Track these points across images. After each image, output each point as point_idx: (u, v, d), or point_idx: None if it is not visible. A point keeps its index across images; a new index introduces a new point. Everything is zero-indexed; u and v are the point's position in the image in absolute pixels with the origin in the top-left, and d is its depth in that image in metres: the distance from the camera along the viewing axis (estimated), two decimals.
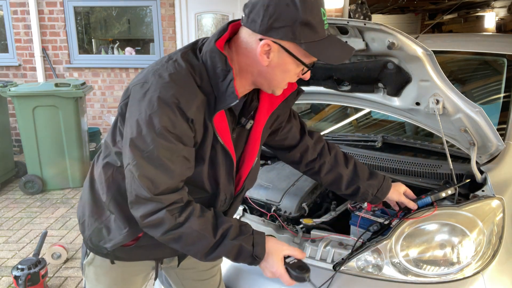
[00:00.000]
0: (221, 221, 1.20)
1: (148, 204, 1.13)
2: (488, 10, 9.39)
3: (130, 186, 1.14)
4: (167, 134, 1.10)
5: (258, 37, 1.13)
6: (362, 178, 1.60)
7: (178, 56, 1.18)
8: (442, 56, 2.44)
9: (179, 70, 1.14)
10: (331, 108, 2.97)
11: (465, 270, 1.44)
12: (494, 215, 1.55)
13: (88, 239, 1.36)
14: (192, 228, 1.15)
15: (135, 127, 1.11)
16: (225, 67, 1.15)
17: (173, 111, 1.10)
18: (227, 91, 1.15)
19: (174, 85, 1.11)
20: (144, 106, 1.11)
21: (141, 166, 1.11)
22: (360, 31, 1.62)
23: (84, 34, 6.23)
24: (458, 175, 1.75)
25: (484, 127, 1.62)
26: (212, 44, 1.16)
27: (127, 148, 1.13)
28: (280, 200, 1.89)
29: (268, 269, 1.25)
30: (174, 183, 1.15)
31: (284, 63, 1.16)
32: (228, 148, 1.24)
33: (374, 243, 1.52)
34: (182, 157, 1.14)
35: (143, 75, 1.19)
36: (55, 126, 4.35)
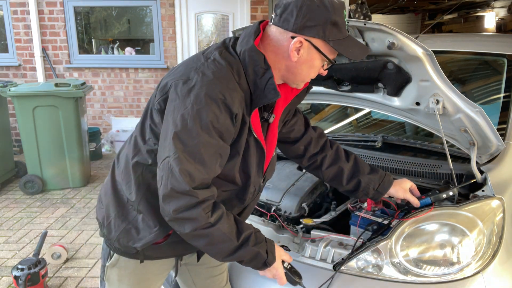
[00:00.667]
0: (242, 226, 1.26)
1: (182, 198, 1.15)
2: (488, 10, 9.39)
3: (166, 179, 1.16)
4: (212, 129, 1.15)
5: (290, 35, 1.21)
6: (363, 172, 1.62)
7: (216, 55, 1.24)
8: (442, 56, 2.44)
9: (221, 68, 1.20)
10: (331, 108, 2.97)
11: (465, 270, 1.44)
12: (494, 215, 1.55)
13: (115, 241, 1.37)
14: (220, 230, 1.20)
15: (180, 121, 1.15)
16: (263, 65, 1.23)
17: (219, 107, 1.15)
18: (266, 87, 1.22)
19: (219, 82, 1.17)
20: (191, 101, 1.15)
21: (182, 159, 1.14)
22: (360, 31, 1.62)
23: (84, 34, 6.23)
24: (458, 175, 1.75)
25: (484, 127, 1.62)
26: (251, 44, 1.23)
27: (168, 141, 1.16)
28: (280, 200, 1.89)
29: (271, 272, 1.33)
30: (208, 178, 1.19)
31: (312, 59, 1.25)
32: (261, 141, 1.31)
33: (374, 243, 1.52)
34: (219, 154, 1.19)
35: (182, 72, 1.23)
36: (55, 126, 4.35)
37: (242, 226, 1.26)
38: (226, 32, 6.00)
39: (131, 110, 6.17)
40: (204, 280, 1.62)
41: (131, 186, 1.32)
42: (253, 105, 1.25)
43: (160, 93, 1.26)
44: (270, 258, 1.29)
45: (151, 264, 1.43)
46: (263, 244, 1.28)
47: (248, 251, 1.25)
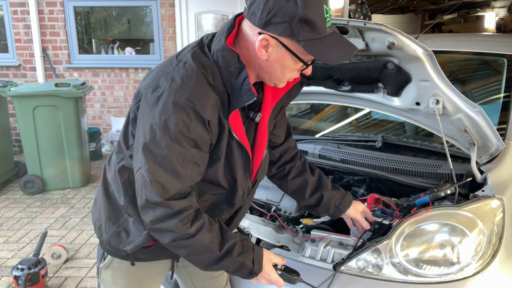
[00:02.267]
0: (226, 236, 1.22)
1: (158, 209, 1.13)
2: (488, 10, 9.39)
3: (140, 190, 1.14)
4: (182, 138, 1.10)
5: (257, 31, 1.12)
6: (326, 188, 1.61)
7: (188, 58, 1.17)
8: (442, 56, 2.44)
9: (191, 72, 1.13)
10: (331, 108, 2.97)
11: (465, 270, 1.44)
12: (494, 215, 1.55)
13: (106, 243, 1.36)
14: (201, 242, 1.16)
15: (149, 132, 1.11)
16: (238, 64, 1.14)
17: (188, 115, 1.10)
18: (242, 88, 1.15)
19: (187, 89, 1.11)
20: (158, 110, 1.10)
21: (153, 170, 1.11)
22: (360, 31, 1.62)
23: (84, 34, 6.23)
24: (458, 175, 1.75)
25: (484, 127, 1.62)
26: (222, 43, 1.15)
27: (139, 152, 1.13)
28: (280, 200, 1.89)
29: (265, 278, 1.31)
30: (183, 188, 1.15)
31: (283, 58, 1.15)
32: (243, 143, 1.25)
33: (374, 243, 1.52)
34: (194, 162, 1.15)
35: (153, 78, 1.18)
36: (55, 126, 4.35)
37: (227, 236, 1.22)
38: None
39: None
40: (204, 282, 1.61)
41: (119, 190, 1.30)
42: (230, 107, 1.18)
43: (134, 101, 1.22)
44: (257, 267, 1.26)
45: (145, 266, 1.41)
46: (249, 254, 1.25)
47: (231, 262, 1.22)
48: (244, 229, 1.84)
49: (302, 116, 3.14)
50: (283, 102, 1.41)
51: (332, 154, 2.10)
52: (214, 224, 1.22)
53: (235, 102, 1.17)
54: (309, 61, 1.17)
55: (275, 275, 1.31)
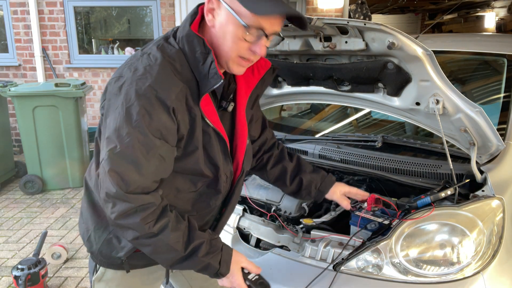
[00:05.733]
0: (193, 236, 1.19)
1: (117, 203, 1.09)
2: (488, 10, 9.39)
3: (102, 182, 1.10)
4: (145, 127, 1.07)
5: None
6: (305, 171, 1.63)
7: (152, 49, 1.16)
8: (442, 56, 2.44)
9: (155, 61, 1.12)
10: (331, 108, 2.97)
11: (465, 270, 1.44)
12: (494, 215, 1.55)
13: (98, 253, 1.33)
14: (164, 241, 1.14)
15: (112, 122, 1.09)
16: (203, 49, 1.14)
17: (151, 102, 1.07)
18: (209, 73, 1.13)
19: (150, 76, 1.09)
20: (121, 99, 1.09)
21: (113, 160, 1.07)
22: (360, 31, 1.62)
23: (84, 34, 6.23)
24: (458, 175, 1.75)
25: (484, 127, 1.62)
26: (187, 29, 1.15)
27: (103, 143, 1.11)
28: (280, 200, 1.89)
29: (229, 281, 1.29)
30: (145, 182, 1.11)
31: (226, 22, 1.12)
32: (218, 129, 1.23)
33: (374, 243, 1.52)
34: (158, 155, 1.11)
35: (118, 70, 1.18)
36: (55, 126, 4.35)
37: (194, 235, 1.19)
38: None
39: None
40: (202, 284, 1.60)
41: None
42: (200, 94, 1.17)
43: (103, 97, 1.20)
44: (223, 269, 1.24)
45: (139, 273, 1.38)
46: (216, 254, 1.23)
47: (196, 262, 1.19)
48: (244, 229, 1.84)
49: (302, 116, 3.14)
50: (257, 91, 1.40)
51: (332, 154, 2.10)
52: (181, 222, 1.18)
53: (204, 87, 1.16)
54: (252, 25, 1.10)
55: (239, 278, 1.28)
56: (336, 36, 1.71)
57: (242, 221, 1.85)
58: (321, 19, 1.63)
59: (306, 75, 2.04)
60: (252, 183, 2.03)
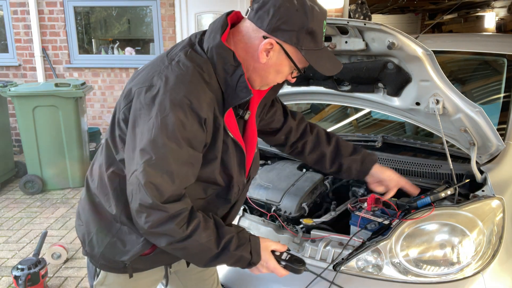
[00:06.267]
0: (222, 231, 1.21)
1: (153, 213, 1.10)
2: (488, 10, 9.40)
3: (135, 194, 1.11)
4: (180, 137, 1.09)
5: (262, 34, 1.15)
6: (345, 154, 1.64)
7: (181, 57, 1.16)
8: (442, 56, 2.44)
9: (186, 70, 1.13)
10: (331, 108, 2.98)
11: (465, 270, 1.44)
12: (494, 215, 1.55)
13: (100, 257, 1.31)
14: (198, 241, 1.15)
15: (146, 132, 1.09)
16: (233, 62, 1.16)
17: (185, 113, 1.08)
18: (237, 86, 1.16)
19: (183, 86, 1.10)
20: (155, 110, 1.09)
21: (149, 172, 1.08)
22: (360, 31, 1.62)
23: (84, 34, 6.23)
24: (458, 175, 1.75)
25: (484, 127, 1.62)
26: (218, 40, 1.16)
27: (135, 153, 1.11)
28: (280, 200, 1.89)
29: (263, 266, 1.29)
30: (178, 190, 1.13)
31: (281, 64, 1.19)
32: (239, 141, 1.26)
33: (374, 243, 1.52)
34: (190, 163, 1.13)
35: (145, 77, 1.16)
36: (55, 126, 4.35)
37: (223, 231, 1.21)
38: None
39: None
40: (196, 285, 1.59)
41: (109, 199, 1.25)
42: (226, 105, 1.19)
43: (125, 101, 1.18)
44: (255, 258, 1.26)
45: (140, 277, 1.37)
46: (246, 245, 1.24)
47: (230, 256, 1.21)
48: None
49: None
50: (265, 100, 1.44)
51: None
52: (209, 221, 1.20)
53: (230, 100, 1.18)
54: (302, 69, 1.22)
55: (273, 262, 1.29)
56: (336, 36, 1.71)
57: (242, 221, 1.85)
58: None
59: (306, 75, 2.05)
60: (252, 183, 2.03)
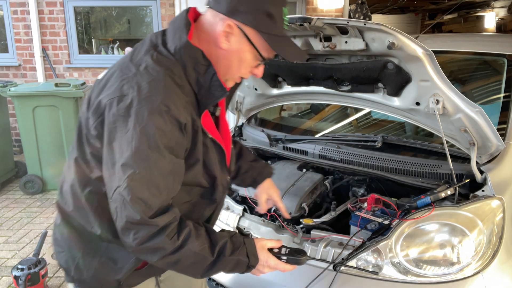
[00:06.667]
0: (215, 237, 1.17)
1: (142, 229, 1.05)
2: (488, 10, 9.40)
3: (120, 211, 1.04)
4: (161, 147, 1.04)
5: (221, 17, 1.11)
6: (246, 160, 1.62)
7: (148, 61, 1.10)
8: (442, 56, 2.44)
9: (157, 75, 1.07)
10: (331, 108, 2.97)
11: (465, 270, 1.44)
12: (494, 215, 1.55)
13: (91, 280, 1.24)
14: (191, 251, 1.11)
15: (125, 145, 1.03)
16: (203, 61, 1.12)
17: (165, 120, 1.03)
18: (211, 85, 1.13)
19: (158, 93, 1.04)
20: (132, 121, 1.02)
21: (134, 187, 1.02)
22: (360, 31, 1.62)
23: (84, 34, 6.23)
24: (458, 175, 1.75)
25: (484, 127, 1.62)
26: (184, 40, 1.12)
27: (115, 169, 1.04)
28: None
29: (264, 266, 1.25)
30: (166, 201, 1.09)
31: (242, 50, 1.14)
32: (218, 140, 1.22)
33: (374, 243, 1.52)
34: (174, 172, 1.09)
35: (114, 87, 1.08)
36: (55, 126, 4.35)
37: (215, 237, 1.17)
38: None
39: None
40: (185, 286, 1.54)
41: (91, 220, 1.18)
42: (201, 107, 1.14)
43: (95, 116, 1.10)
44: (252, 260, 1.21)
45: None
46: (242, 248, 1.20)
47: (226, 262, 1.16)
48: (244, 229, 1.84)
49: (302, 116, 3.14)
50: (230, 93, 1.42)
51: (332, 154, 2.10)
52: (200, 228, 1.16)
53: (205, 100, 1.14)
54: (267, 58, 1.17)
55: (274, 260, 1.25)
56: (336, 36, 1.71)
57: (242, 221, 1.85)
58: (321, 19, 1.63)
59: (306, 75, 2.05)
60: None
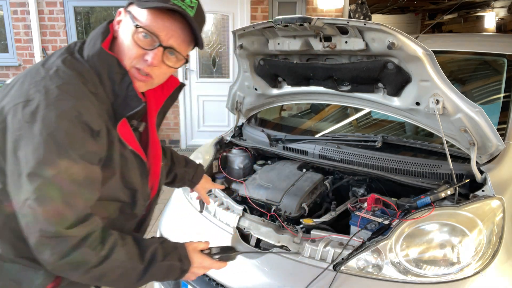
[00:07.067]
0: (144, 244, 1.12)
1: (59, 242, 0.96)
2: (488, 10, 9.40)
3: (32, 225, 0.96)
4: (72, 154, 0.97)
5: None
6: (179, 166, 1.63)
7: (59, 65, 1.04)
8: (442, 56, 2.44)
9: (68, 79, 1.01)
10: (331, 108, 2.97)
11: (465, 270, 1.44)
12: (494, 215, 1.55)
13: None
14: (118, 260, 1.04)
15: (31, 154, 0.95)
16: (118, 69, 1.08)
17: (75, 126, 0.97)
18: (127, 95, 1.08)
19: (69, 97, 0.98)
20: (38, 127, 0.94)
21: (44, 198, 0.94)
22: (360, 31, 1.62)
23: (84, 34, 6.23)
24: (458, 175, 1.75)
25: (484, 127, 1.62)
26: (98, 47, 1.07)
27: (22, 180, 0.95)
28: (280, 200, 1.89)
29: (199, 268, 1.22)
30: (83, 210, 1.01)
31: (125, 28, 1.09)
32: (138, 152, 1.17)
33: (374, 243, 1.52)
34: (89, 179, 1.01)
35: (19, 92, 1.01)
36: None
37: (145, 244, 1.11)
38: (226, 32, 6.00)
39: None
40: None
41: None
42: (117, 116, 1.09)
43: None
44: (186, 264, 1.17)
45: None
46: (174, 253, 1.15)
47: (158, 268, 1.11)
48: (244, 229, 1.84)
49: (302, 116, 3.14)
50: (165, 108, 1.34)
51: (332, 154, 2.10)
52: (126, 237, 1.10)
53: (122, 110, 1.09)
54: (144, 26, 1.06)
55: (208, 260, 1.22)
56: (336, 36, 1.71)
57: (242, 221, 1.85)
58: (321, 19, 1.63)
59: (306, 75, 2.05)
60: (252, 183, 2.03)
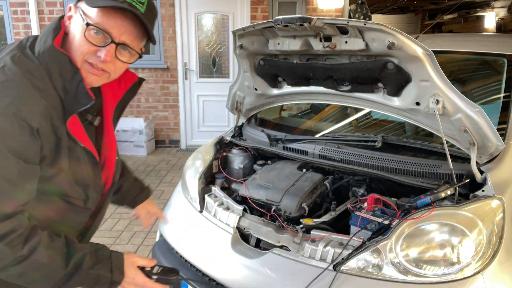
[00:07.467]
0: (73, 249, 1.09)
1: None
2: (488, 10, 9.41)
3: None
4: (4, 150, 0.96)
5: None
6: (128, 180, 1.62)
7: (7, 61, 1.05)
8: (442, 56, 2.44)
9: (12, 76, 1.02)
10: (331, 108, 2.97)
11: (465, 270, 1.44)
12: (494, 215, 1.55)
13: None
14: (38, 262, 1.02)
15: None
16: (69, 67, 1.08)
17: (12, 122, 0.97)
18: (77, 92, 1.09)
19: (9, 93, 0.99)
20: None
21: None
22: (360, 31, 1.62)
23: None
24: (458, 175, 1.75)
25: (484, 127, 1.62)
26: (49, 44, 1.07)
27: None
28: (280, 200, 1.89)
29: (130, 284, 1.18)
30: (11, 208, 0.99)
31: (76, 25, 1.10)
32: (89, 148, 1.18)
33: (374, 243, 1.52)
34: (23, 177, 1.01)
35: None
36: None
37: (74, 249, 1.09)
38: (226, 32, 6.00)
39: (131, 110, 6.17)
40: None
41: None
42: (66, 113, 1.09)
43: None
44: (116, 275, 1.13)
45: None
46: (105, 262, 1.12)
47: (84, 276, 1.07)
48: (244, 229, 1.85)
49: (302, 116, 3.14)
50: (123, 102, 1.35)
51: (332, 154, 2.10)
52: (56, 239, 1.08)
53: (71, 107, 1.09)
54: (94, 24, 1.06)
55: (141, 278, 1.19)
56: (336, 36, 1.71)
57: (242, 221, 1.85)
58: (321, 19, 1.63)
59: (306, 75, 2.05)
60: (252, 183, 2.03)
